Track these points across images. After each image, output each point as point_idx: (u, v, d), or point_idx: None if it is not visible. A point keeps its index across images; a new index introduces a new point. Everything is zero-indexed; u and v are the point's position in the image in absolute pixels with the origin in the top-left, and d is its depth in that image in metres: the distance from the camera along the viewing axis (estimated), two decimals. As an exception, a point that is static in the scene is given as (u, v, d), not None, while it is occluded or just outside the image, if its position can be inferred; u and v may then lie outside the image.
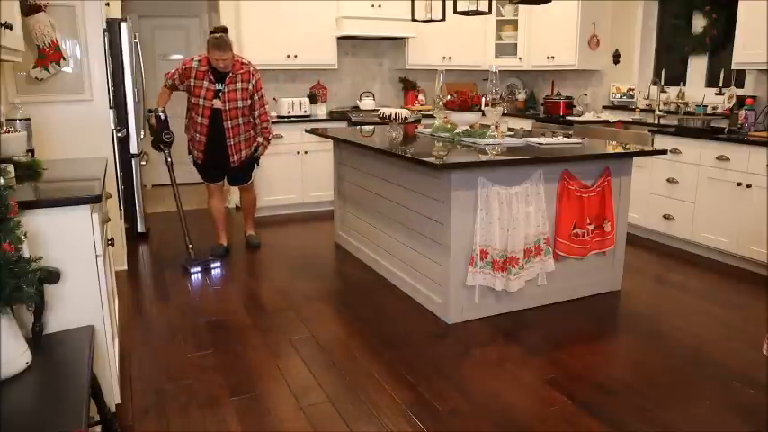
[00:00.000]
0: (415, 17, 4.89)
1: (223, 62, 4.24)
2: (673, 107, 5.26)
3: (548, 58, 6.22)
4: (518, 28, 6.53)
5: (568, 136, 4.22)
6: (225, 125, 4.39)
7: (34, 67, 3.66)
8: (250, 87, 4.40)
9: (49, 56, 3.66)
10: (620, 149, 3.71)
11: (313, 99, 6.26)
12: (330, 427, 2.40)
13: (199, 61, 4.33)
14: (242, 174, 4.69)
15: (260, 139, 4.58)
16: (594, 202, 3.56)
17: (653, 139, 4.79)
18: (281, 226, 5.32)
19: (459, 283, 3.31)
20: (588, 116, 5.82)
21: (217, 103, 4.33)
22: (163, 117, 4.38)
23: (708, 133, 4.47)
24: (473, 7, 4.40)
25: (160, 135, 4.38)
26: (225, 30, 4.29)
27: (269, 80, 6.24)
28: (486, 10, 4.42)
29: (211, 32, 4.30)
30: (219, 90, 4.33)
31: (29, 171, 2.50)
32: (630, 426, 2.39)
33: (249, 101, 4.42)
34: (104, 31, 3.94)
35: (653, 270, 4.33)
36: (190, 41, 7.38)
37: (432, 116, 5.10)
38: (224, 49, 4.20)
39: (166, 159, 4.49)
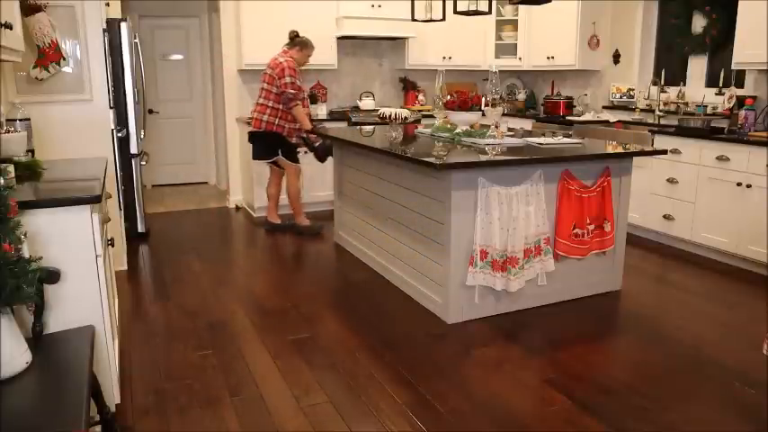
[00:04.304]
0: (415, 17, 4.89)
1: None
2: (673, 107, 5.26)
3: (548, 58, 6.21)
4: (518, 28, 6.53)
5: (568, 136, 4.21)
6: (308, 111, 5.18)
7: (34, 67, 3.65)
8: None
9: (49, 56, 3.65)
10: (620, 149, 3.71)
11: (313, 99, 6.24)
12: (330, 427, 2.40)
13: (292, 59, 4.93)
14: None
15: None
16: (594, 202, 3.56)
17: (653, 139, 4.79)
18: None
19: (459, 283, 3.31)
20: (588, 116, 5.82)
21: (305, 95, 5.08)
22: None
23: (708, 133, 4.47)
24: (473, 7, 4.40)
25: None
26: None
27: (269, 80, 6.25)
28: (486, 10, 4.42)
29: (296, 36, 5.02)
30: None
31: (29, 171, 2.50)
32: (630, 426, 2.39)
33: None
34: (104, 31, 3.94)
35: (653, 270, 4.33)
36: (190, 41, 7.38)
37: (432, 116, 5.10)
38: None
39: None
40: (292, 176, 5.17)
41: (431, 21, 4.89)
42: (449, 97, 4.14)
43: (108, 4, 4.72)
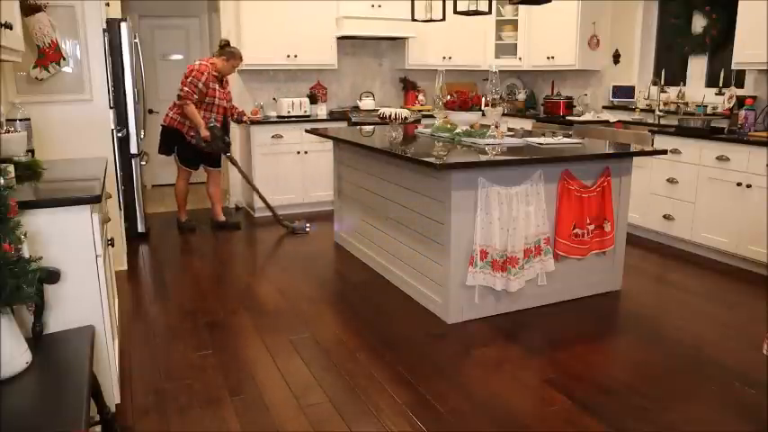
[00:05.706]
0: (415, 17, 4.89)
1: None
2: (673, 107, 5.26)
3: (548, 58, 6.21)
4: (518, 28, 6.53)
5: (568, 136, 4.21)
6: (228, 120, 5.31)
7: (34, 67, 3.66)
8: None
9: (49, 56, 3.65)
10: (620, 150, 3.70)
11: (313, 99, 6.25)
12: (330, 427, 2.40)
13: (211, 66, 5.01)
14: (218, 157, 5.38)
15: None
16: (594, 202, 3.56)
17: (653, 139, 4.79)
18: (281, 226, 5.32)
19: (459, 283, 3.31)
20: (588, 116, 5.82)
21: (224, 102, 5.15)
22: (219, 125, 5.10)
23: (708, 133, 4.47)
24: (473, 7, 4.40)
25: (224, 140, 5.15)
26: None
27: (269, 80, 6.26)
28: (486, 10, 4.42)
29: (226, 45, 5.12)
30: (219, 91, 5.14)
31: (29, 171, 2.50)
32: (630, 426, 2.39)
33: None
34: (104, 31, 3.94)
35: (653, 270, 4.33)
36: (190, 41, 7.38)
37: (432, 116, 5.10)
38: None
39: (231, 157, 5.33)
40: (179, 177, 5.35)
41: (431, 21, 4.89)
42: (449, 97, 4.14)
43: (108, 4, 4.72)
